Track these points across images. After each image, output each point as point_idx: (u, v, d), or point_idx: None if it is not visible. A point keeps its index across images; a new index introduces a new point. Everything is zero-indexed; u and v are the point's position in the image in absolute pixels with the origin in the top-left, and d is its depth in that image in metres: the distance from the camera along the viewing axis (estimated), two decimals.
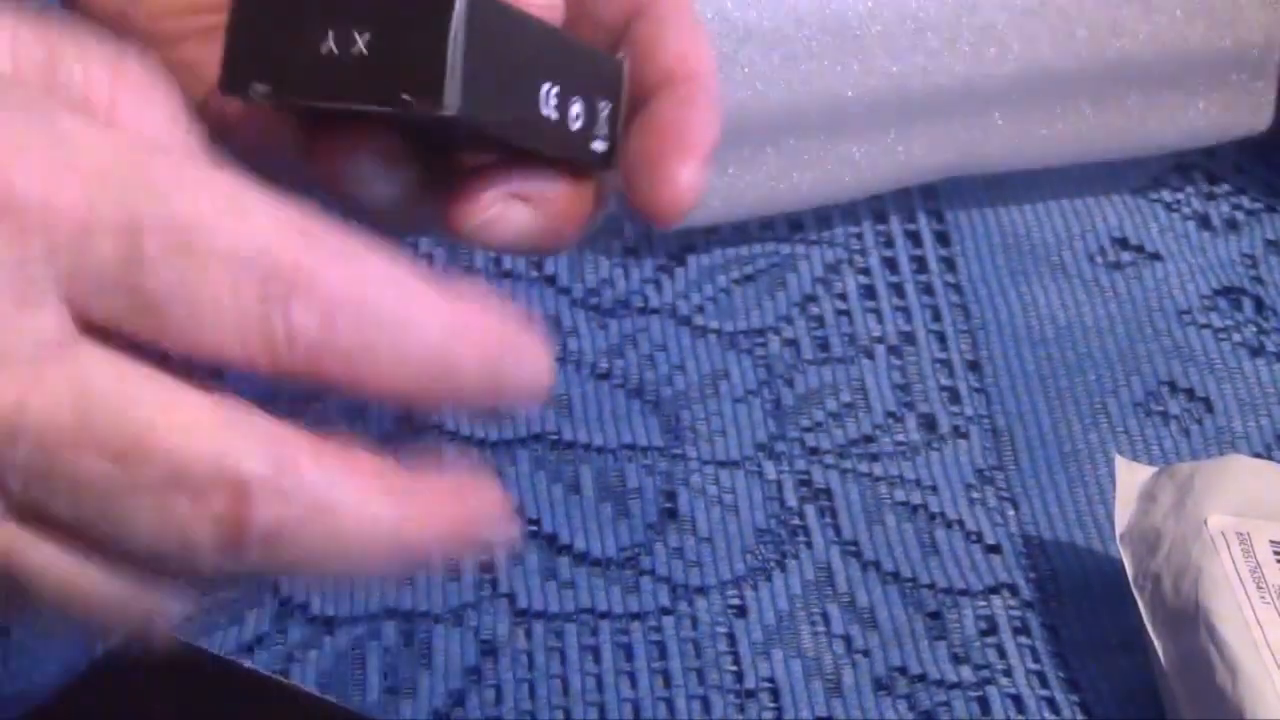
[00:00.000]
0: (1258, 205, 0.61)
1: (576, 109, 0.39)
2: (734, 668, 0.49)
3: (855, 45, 0.56)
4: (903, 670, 0.49)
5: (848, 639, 0.49)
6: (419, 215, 0.40)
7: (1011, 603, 0.50)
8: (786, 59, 0.55)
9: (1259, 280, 0.58)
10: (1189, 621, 0.46)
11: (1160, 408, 0.55)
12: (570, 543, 0.51)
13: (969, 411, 0.55)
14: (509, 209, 0.40)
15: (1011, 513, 0.53)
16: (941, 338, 0.57)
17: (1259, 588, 0.46)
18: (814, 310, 0.57)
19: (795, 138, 0.57)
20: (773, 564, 0.51)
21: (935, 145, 0.58)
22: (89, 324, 0.32)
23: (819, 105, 0.56)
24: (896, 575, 0.51)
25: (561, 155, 0.39)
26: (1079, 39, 0.57)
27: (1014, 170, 0.60)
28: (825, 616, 0.50)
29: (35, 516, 0.32)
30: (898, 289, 0.58)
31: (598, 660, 0.49)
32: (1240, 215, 0.61)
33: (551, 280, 0.58)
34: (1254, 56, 0.58)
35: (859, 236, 0.59)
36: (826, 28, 0.56)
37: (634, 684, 0.48)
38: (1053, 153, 0.59)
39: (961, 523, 0.52)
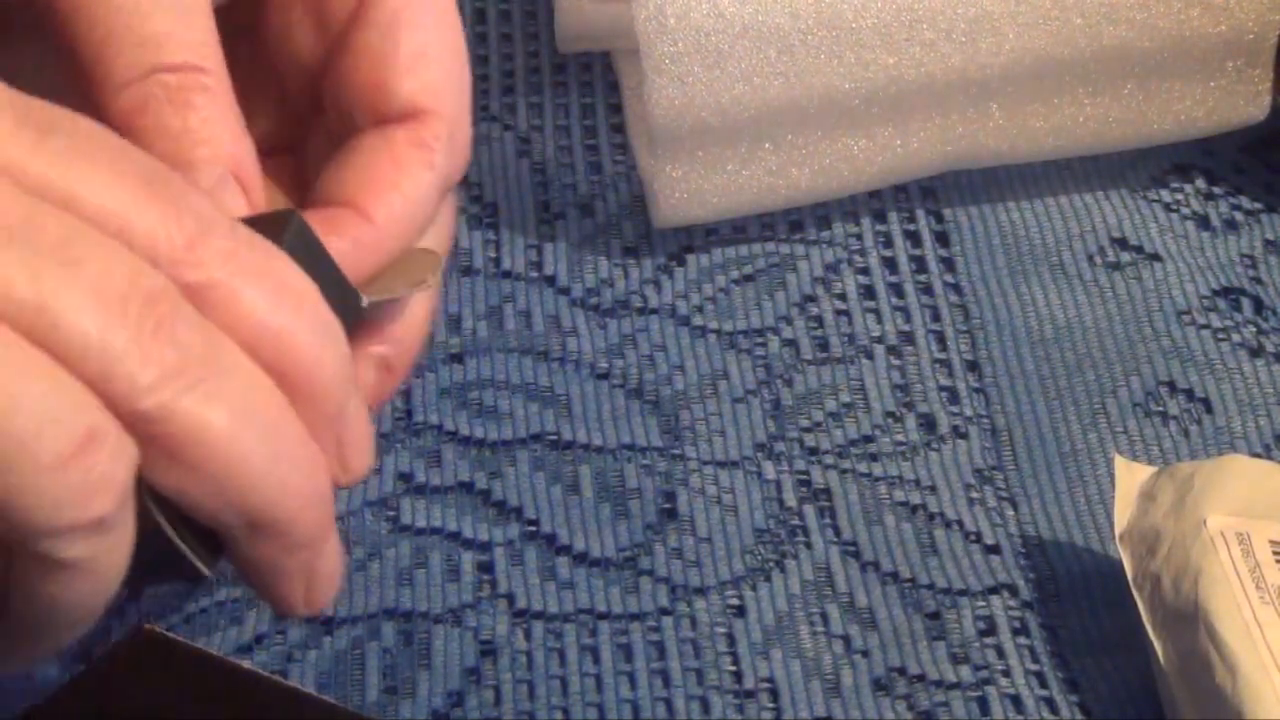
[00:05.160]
0: (1257, 206, 0.61)
1: None
2: (733, 668, 0.49)
3: (851, 38, 0.56)
4: (902, 670, 0.49)
5: (847, 639, 0.49)
6: None
7: (1011, 603, 0.50)
8: (782, 52, 0.55)
9: (1258, 280, 0.58)
10: (1188, 621, 0.46)
11: (1160, 408, 0.55)
12: (569, 543, 0.51)
13: (968, 411, 0.55)
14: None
15: (1011, 513, 0.53)
16: (941, 338, 0.57)
17: (1258, 588, 0.46)
18: (813, 310, 0.57)
19: (793, 133, 0.57)
20: (772, 564, 0.51)
21: (933, 138, 0.58)
22: None
23: (816, 99, 0.56)
24: (895, 575, 0.51)
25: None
26: (1075, 26, 0.57)
27: (1012, 164, 0.60)
28: (824, 617, 0.50)
29: None
30: (897, 289, 0.58)
31: (597, 661, 0.49)
32: (1239, 215, 0.61)
33: (551, 280, 0.58)
34: (1249, 42, 0.58)
35: (858, 236, 0.59)
36: (822, 21, 0.56)
37: (633, 684, 0.48)
38: (1051, 145, 0.59)
39: (961, 523, 0.52)
